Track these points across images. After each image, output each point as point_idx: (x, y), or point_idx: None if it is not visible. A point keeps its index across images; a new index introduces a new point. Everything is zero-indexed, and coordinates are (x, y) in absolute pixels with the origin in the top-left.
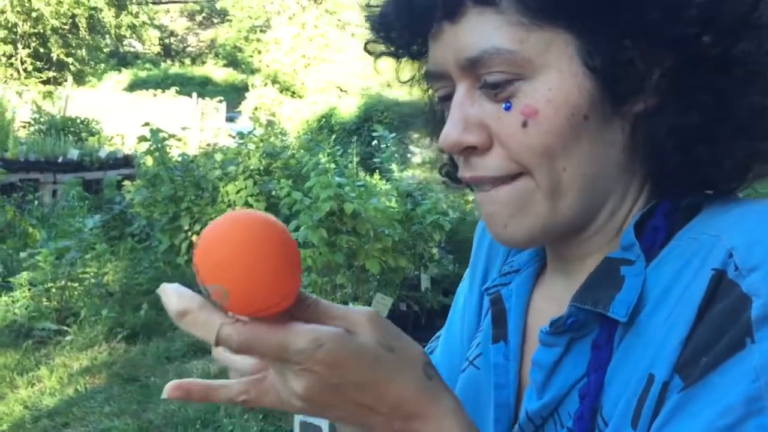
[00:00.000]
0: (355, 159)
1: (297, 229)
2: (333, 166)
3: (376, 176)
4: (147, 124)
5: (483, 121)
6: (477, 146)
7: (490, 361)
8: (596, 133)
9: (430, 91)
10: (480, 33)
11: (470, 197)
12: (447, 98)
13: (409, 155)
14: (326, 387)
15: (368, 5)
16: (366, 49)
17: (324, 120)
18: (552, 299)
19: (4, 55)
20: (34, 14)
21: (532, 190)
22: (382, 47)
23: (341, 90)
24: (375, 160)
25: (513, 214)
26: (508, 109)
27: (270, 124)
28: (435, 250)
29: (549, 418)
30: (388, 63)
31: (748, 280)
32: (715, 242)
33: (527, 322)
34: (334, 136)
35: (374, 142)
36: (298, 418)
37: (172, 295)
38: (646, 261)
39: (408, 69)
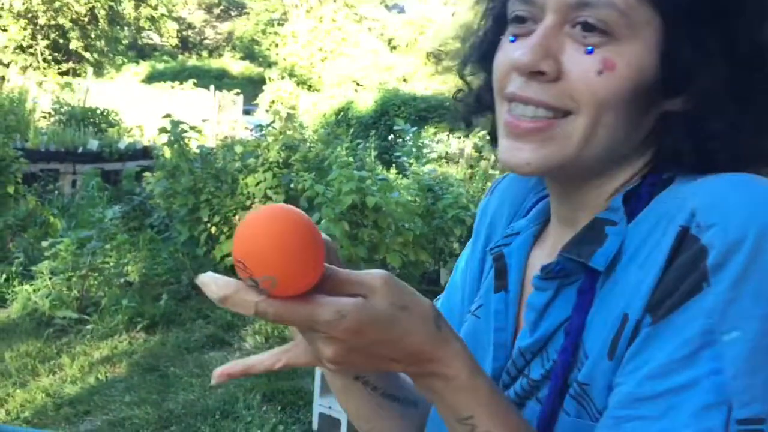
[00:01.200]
0: (373, 153)
1: (318, 222)
2: (351, 159)
3: (393, 170)
4: (168, 115)
5: (558, 56)
6: (547, 73)
7: (490, 310)
8: (639, 110)
9: (488, 30)
10: None
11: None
12: (520, 21)
13: (425, 150)
14: (351, 350)
15: None
16: None
17: (341, 114)
18: (547, 254)
19: (23, 42)
20: (56, 4)
21: (571, 131)
22: None
23: (357, 84)
24: (396, 154)
25: (542, 152)
26: (590, 52)
27: (290, 117)
28: (455, 245)
29: (537, 353)
30: (407, 57)
31: (707, 235)
32: (682, 204)
33: (525, 275)
34: (351, 130)
35: (390, 137)
36: (317, 411)
37: (211, 284)
38: (627, 222)
39: None
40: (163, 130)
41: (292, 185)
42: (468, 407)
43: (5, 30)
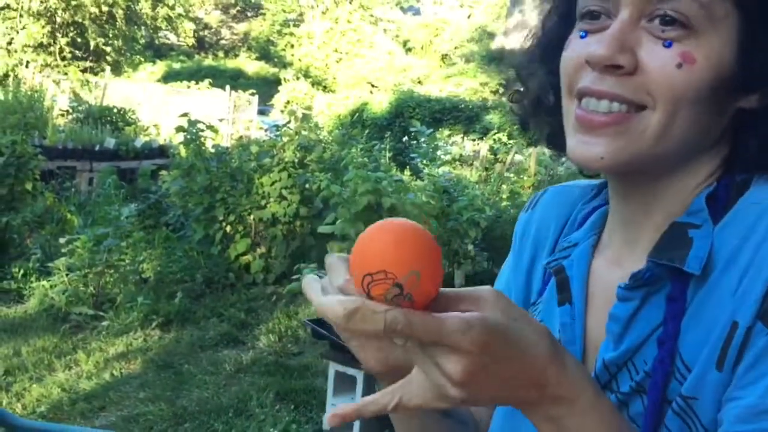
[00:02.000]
0: (388, 154)
1: (334, 221)
2: (366, 160)
3: (407, 172)
4: (185, 114)
5: (635, 50)
6: (624, 67)
7: (553, 324)
8: (715, 107)
9: (555, 26)
10: None
11: (506, 195)
12: (593, 16)
13: (439, 152)
14: (480, 367)
15: None
16: None
17: (356, 115)
18: (612, 264)
19: (42, 41)
20: (74, 2)
21: (646, 125)
22: None
23: (372, 85)
24: (411, 155)
25: (618, 145)
26: (669, 46)
27: (305, 117)
28: (470, 247)
29: (623, 366)
30: (422, 59)
31: None
32: None
33: (588, 286)
34: (366, 131)
35: (405, 138)
36: (329, 410)
37: (334, 303)
38: (713, 225)
39: None
40: (180, 129)
41: (307, 185)
42: (591, 429)
43: (24, 28)
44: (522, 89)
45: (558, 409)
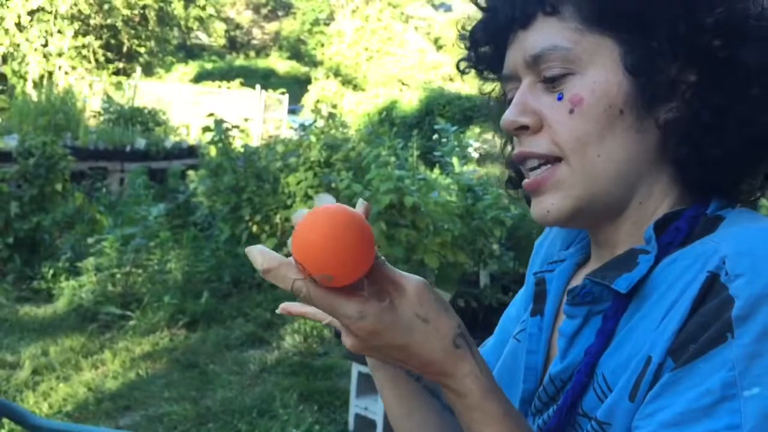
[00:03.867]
0: (416, 152)
1: None
2: (393, 159)
3: (437, 170)
4: (211, 114)
5: (538, 109)
6: (529, 126)
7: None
8: (629, 128)
9: (500, 95)
10: (544, 35)
11: None
12: (508, 102)
13: (469, 149)
14: (367, 347)
15: (462, 28)
16: (457, 67)
17: (385, 113)
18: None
19: (79, 47)
20: (106, 6)
21: (568, 174)
22: (469, 64)
23: (402, 83)
24: (436, 153)
25: (554, 200)
26: (560, 99)
27: (331, 116)
28: (495, 247)
29: (568, 381)
30: (450, 56)
31: (734, 285)
32: (715, 249)
33: (562, 303)
34: (395, 129)
35: (435, 136)
36: (353, 412)
37: (258, 256)
38: (664, 255)
39: (489, 86)
40: (206, 129)
41: (333, 185)
42: (479, 426)
43: (60, 32)
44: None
45: (450, 396)
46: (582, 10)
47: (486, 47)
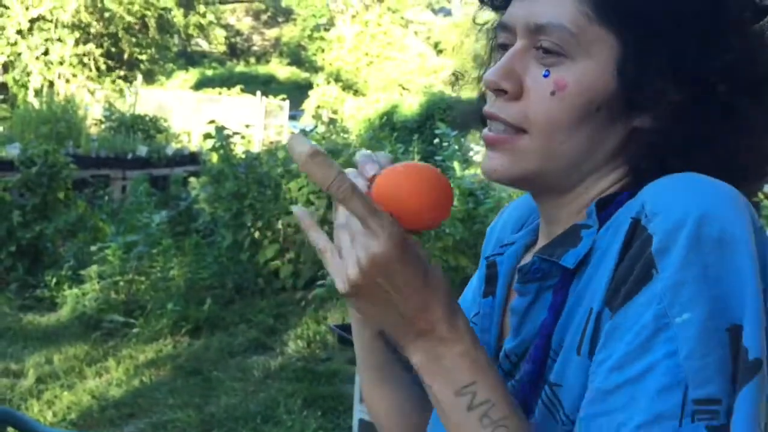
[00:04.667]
0: (417, 157)
1: None
2: None
3: None
4: (212, 121)
5: (522, 77)
6: (508, 92)
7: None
8: (600, 126)
9: (491, 38)
10: (554, 8)
11: None
12: (504, 47)
13: (471, 153)
14: (371, 281)
15: None
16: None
17: (386, 118)
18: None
19: (80, 55)
20: (106, 14)
21: (526, 148)
22: None
23: (403, 88)
24: (437, 158)
25: (504, 162)
26: (546, 76)
27: (332, 121)
28: None
29: (522, 356)
30: (452, 60)
31: (652, 224)
32: (637, 200)
33: (512, 282)
34: (395, 134)
35: (436, 141)
36: (357, 416)
37: (306, 143)
38: (600, 226)
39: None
40: (207, 136)
41: None
42: (470, 374)
43: (60, 40)
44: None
45: (440, 348)
46: None
47: None
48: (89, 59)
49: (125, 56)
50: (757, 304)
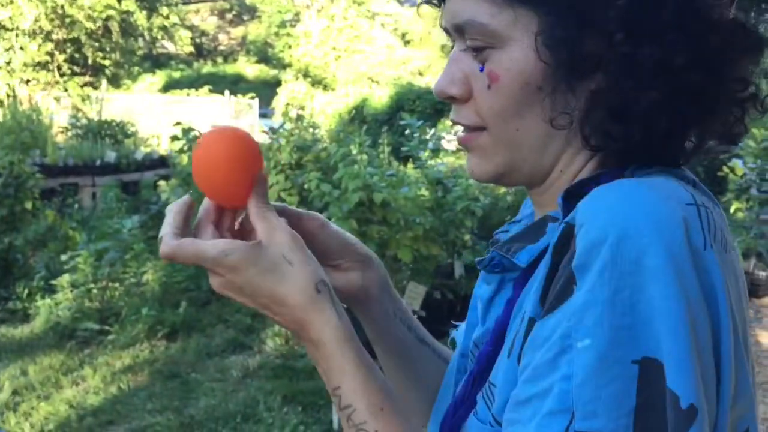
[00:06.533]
0: (387, 149)
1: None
2: (365, 157)
3: (410, 165)
4: (178, 123)
5: (467, 77)
6: (456, 97)
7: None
8: (549, 103)
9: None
10: (464, 4)
11: None
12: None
13: (442, 142)
14: (231, 287)
15: None
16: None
17: (355, 111)
18: None
19: (43, 62)
20: (67, 20)
21: (488, 143)
22: None
23: (372, 80)
24: (403, 148)
25: (477, 161)
26: (481, 71)
27: (299, 118)
28: (467, 237)
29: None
30: (422, 51)
31: (578, 235)
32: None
33: None
34: (365, 127)
35: (407, 132)
36: (336, 411)
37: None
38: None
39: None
40: (174, 138)
41: (305, 186)
42: (336, 378)
43: (22, 48)
44: None
45: (310, 349)
46: None
47: None
48: (53, 66)
49: (89, 61)
50: (682, 338)
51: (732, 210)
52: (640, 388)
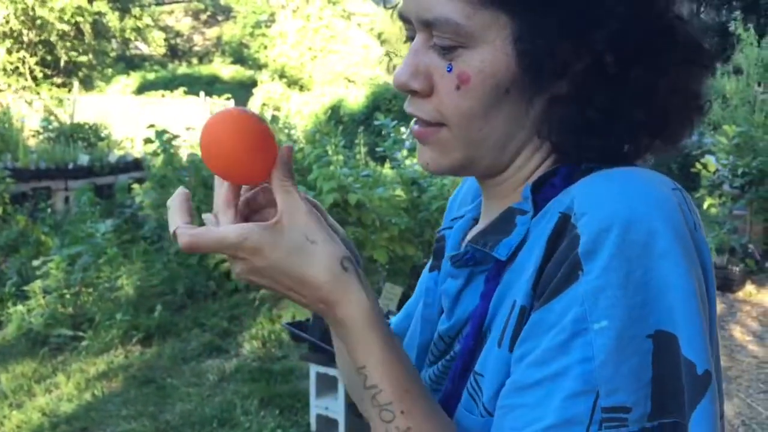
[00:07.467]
0: (363, 149)
1: None
2: (341, 157)
3: (387, 165)
4: (152, 125)
5: (429, 72)
6: (418, 92)
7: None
8: (515, 106)
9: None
10: (438, 1)
11: None
12: (411, 39)
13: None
14: (253, 271)
15: None
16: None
17: (331, 112)
18: None
19: (13, 63)
20: (38, 22)
21: (448, 140)
22: None
23: (349, 80)
24: (378, 149)
25: (433, 155)
26: (449, 70)
27: (274, 119)
28: None
29: (455, 338)
30: (395, 50)
31: (581, 222)
32: (569, 193)
33: None
34: (341, 127)
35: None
36: (314, 412)
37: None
38: (537, 212)
39: None
40: (147, 141)
41: None
42: (362, 357)
43: None
44: None
45: (337, 329)
46: None
47: None
48: (24, 68)
49: (61, 63)
50: (693, 311)
51: (705, 206)
52: (655, 360)
